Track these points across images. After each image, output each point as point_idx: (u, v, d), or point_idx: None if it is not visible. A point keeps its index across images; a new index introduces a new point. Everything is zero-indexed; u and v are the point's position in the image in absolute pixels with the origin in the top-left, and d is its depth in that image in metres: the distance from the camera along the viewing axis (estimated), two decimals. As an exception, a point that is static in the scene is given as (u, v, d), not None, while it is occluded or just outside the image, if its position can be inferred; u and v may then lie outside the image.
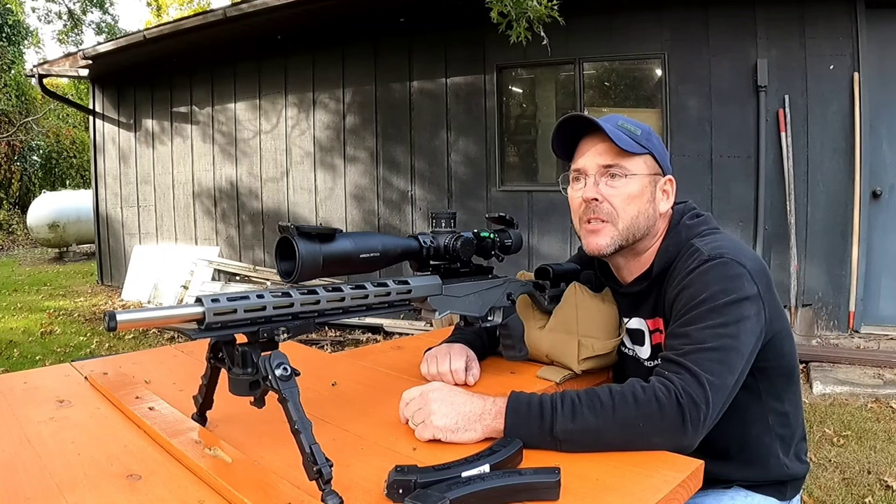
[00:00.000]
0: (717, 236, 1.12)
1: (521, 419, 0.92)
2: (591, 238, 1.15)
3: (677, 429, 0.91)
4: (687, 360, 0.96)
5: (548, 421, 0.91)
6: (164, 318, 0.75)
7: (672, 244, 1.14)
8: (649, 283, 1.17)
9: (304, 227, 0.84)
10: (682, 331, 1.02)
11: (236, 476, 0.79)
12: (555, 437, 0.91)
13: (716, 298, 1.00)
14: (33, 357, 4.78)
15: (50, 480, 0.80)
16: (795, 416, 1.18)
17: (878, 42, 4.23)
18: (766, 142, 4.35)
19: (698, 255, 1.06)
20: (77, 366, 1.30)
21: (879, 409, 3.24)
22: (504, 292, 1.20)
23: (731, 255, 1.04)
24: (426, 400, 0.96)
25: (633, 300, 1.22)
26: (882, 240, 4.36)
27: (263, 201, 6.48)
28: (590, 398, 0.93)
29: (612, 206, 1.12)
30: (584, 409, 0.92)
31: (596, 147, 1.13)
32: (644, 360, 1.22)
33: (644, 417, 0.91)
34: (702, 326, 0.99)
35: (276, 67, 6.25)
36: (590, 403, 0.92)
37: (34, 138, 15.03)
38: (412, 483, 0.76)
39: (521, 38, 3.71)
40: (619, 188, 1.12)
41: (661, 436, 0.92)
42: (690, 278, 1.05)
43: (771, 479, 1.15)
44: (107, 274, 7.98)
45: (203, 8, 17.13)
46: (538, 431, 0.91)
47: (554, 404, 0.93)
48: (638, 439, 0.91)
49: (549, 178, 5.35)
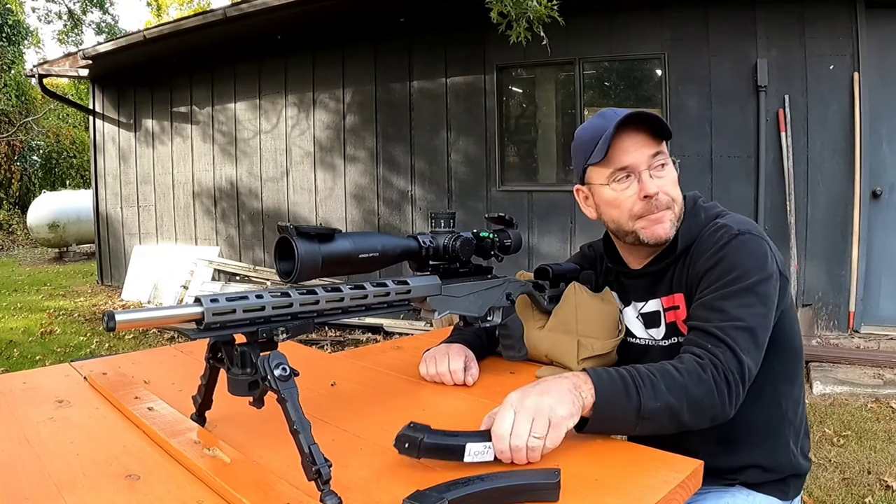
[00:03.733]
0: (736, 215, 1.16)
1: (609, 394, 0.90)
2: (656, 228, 1.14)
3: (724, 406, 0.95)
4: (727, 337, 0.99)
5: (634, 400, 0.90)
6: (163, 318, 0.75)
7: (694, 224, 1.16)
8: (670, 261, 1.18)
9: (304, 228, 0.83)
10: (720, 305, 1.03)
11: (235, 476, 0.79)
12: (640, 416, 0.90)
13: (749, 276, 1.04)
14: (33, 357, 4.78)
15: (49, 480, 0.80)
16: (803, 404, 1.20)
17: (878, 42, 4.22)
18: (766, 142, 4.35)
19: (727, 230, 1.09)
20: (76, 366, 1.30)
21: (879, 409, 3.24)
22: (503, 292, 1.20)
23: (755, 231, 1.09)
24: (528, 408, 0.85)
25: (652, 280, 1.22)
26: (882, 240, 4.36)
27: (263, 201, 6.49)
28: (664, 376, 0.94)
29: (667, 195, 1.14)
30: (662, 386, 0.92)
31: (636, 140, 1.12)
32: (659, 340, 1.21)
33: (708, 395, 0.94)
34: (738, 304, 1.02)
35: (276, 67, 6.25)
36: (666, 381, 0.93)
37: (34, 138, 15.04)
38: (419, 441, 0.80)
39: (520, 38, 3.71)
40: (665, 175, 1.14)
41: (713, 412, 0.95)
42: (725, 251, 1.07)
43: (777, 467, 1.15)
44: (107, 274, 7.99)
45: (203, 8, 17.14)
46: (624, 413, 0.90)
47: (635, 380, 0.92)
48: (699, 417, 0.94)
49: (549, 178, 5.35)
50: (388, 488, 0.78)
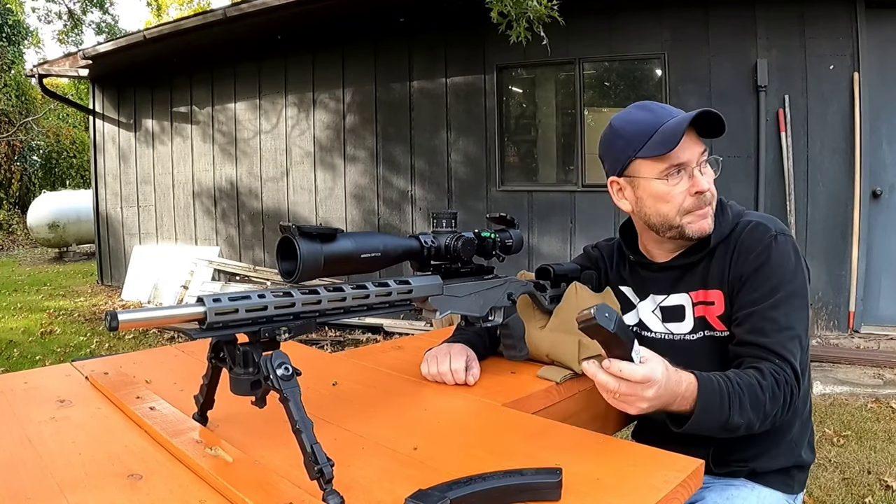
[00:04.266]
0: (756, 212, 1.21)
1: (712, 401, 0.97)
2: (702, 223, 1.17)
3: (785, 415, 1.05)
4: (786, 352, 1.06)
5: (725, 415, 0.98)
6: (165, 317, 0.75)
7: (723, 220, 1.19)
8: (701, 256, 1.19)
9: (306, 227, 0.84)
10: (772, 315, 1.08)
11: (237, 476, 0.79)
12: (724, 428, 0.99)
13: (793, 281, 1.10)
14: (33, 357, 4.78)
15: (51, 480, 0.80)
16: (809, 396, 1.23)
17: (878, 42, 4.23)
18: (766, 142, 4.35)
19: (766, 231, 1.13)
20: (78, 366, 1.30)
21: (879, 409, 3.24)
22: (505, 292, 1.20)
23: (787, 231, 1.15)
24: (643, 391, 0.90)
25: (679, 273, 1.22)
26: (882, 240, 4.36)
27: (263, 201, 6.48)
28: (750, 392, 1.00)
29: (713, 191, 1.17)
30: (748, 403, 0.99)
31: (691, 137, 1.13)
32: (684, 334, 1.22)
33: (776, 408, 1.03)
34: (786, 311, 1.08)
35: (276, 67, 6.25)
36: (751, 398, 1.00)
37: (34, 138, 15.03)
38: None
39: (521, 38, 3.71)
40: (710, 173, 1.17)
41: (776, 420, 1.04)
42: (768, 254, 1.11)
43: (784, 454, 1.16)
44: (107, 274, 7.98)
45: (203, 8, 17.13)
46: (716, 426, 0.99)
47: (731, 399, 0.98)
48: (766, 426, 1.03)
49: (549, 178, 5.36)
50: (390, 488, 0.78)
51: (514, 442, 0.93)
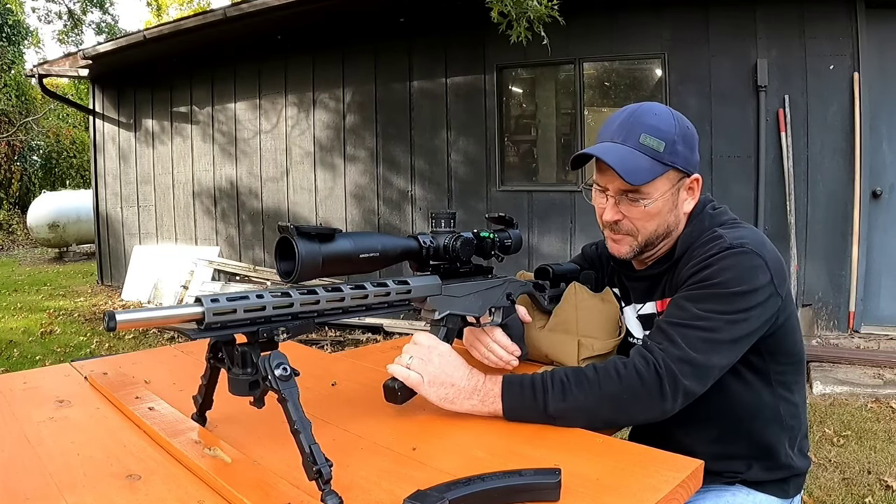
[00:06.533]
0: (742, 228, 1.13)
1: (516, 401, 0.99)
2: (612, 245, 1.19)
3: (655, 399, 0.98)
4: (675, 333, 1.01)
5: (540, 401, 0.97)
6: (163, 318, 0.75)
7: (696, 230, 1.15)
8: (668, 266, 1.18)
9: (304, 227, 0.83)
10: (683, 304, 1.05)
11: (236, 476, 0.79)
12: (549, 415, 0.97)
13: (726, 286, 1.02)
14: (33, 357, 4.78)
15: (50, 480, 0.80)
16: (803, 409, 1.20)
17: (878, 42, 4.22)
18: (766, 142, 4.35)
19: (720, 242, 1.07)
20: (77, 366, 1.30)
21: (879, 409, 3.24)
22: (504, 292, 1.20)
23: (751, 245, 1.05)
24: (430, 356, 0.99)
25: (650, 283, 1.22)
26: (882, 240, 4.36)
27: (263, 201, 6.48)
28: (577, 376, 0.99)
29: (632, 224, 1.14)
30: (572, 386, 0.98)
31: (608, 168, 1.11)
32: None
33: (627, 391, 0.98)
34: (703, 307, 1.02)
35: (276, 67, 6.25)
36: (577, 381, 0.99)
37: (34, 138, 15.04)
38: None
39: (521, 38, 3.71)
40: (639, 208, 1.12)
41: (641, 406, 0.98)
42: (709, 261, 1.05)
43: (775, 468, 1.15)
44: (107, 274, 7.98)
45: (203, 8, 17.14)
46: (532, 412, 0.98)
47: (545, 384, 0.99)
48: (623, 413, 0.99)
49: (549, 178, 5.36)
50: (389, 488, 0.78)
51: (513, 442, 0.93)
